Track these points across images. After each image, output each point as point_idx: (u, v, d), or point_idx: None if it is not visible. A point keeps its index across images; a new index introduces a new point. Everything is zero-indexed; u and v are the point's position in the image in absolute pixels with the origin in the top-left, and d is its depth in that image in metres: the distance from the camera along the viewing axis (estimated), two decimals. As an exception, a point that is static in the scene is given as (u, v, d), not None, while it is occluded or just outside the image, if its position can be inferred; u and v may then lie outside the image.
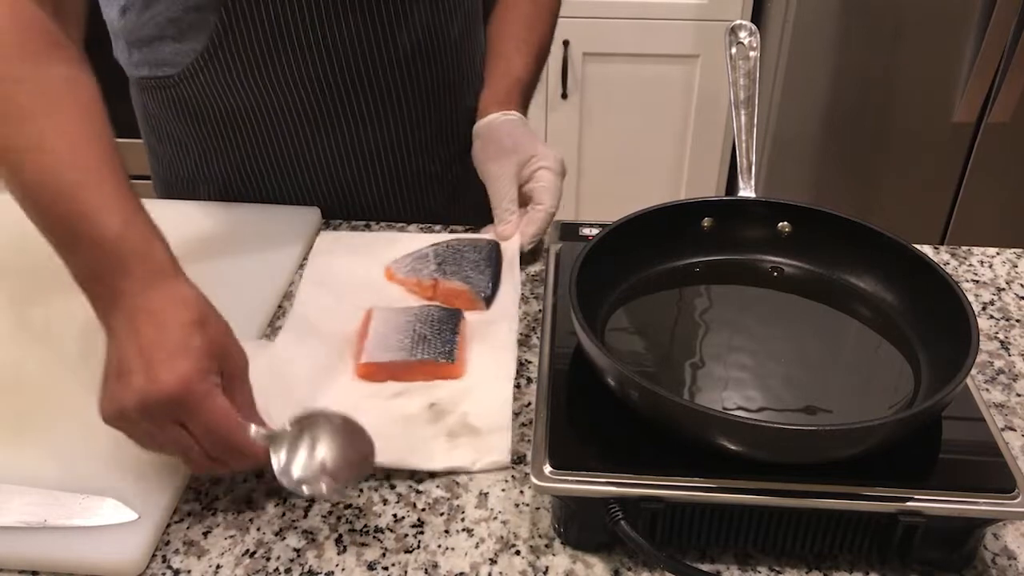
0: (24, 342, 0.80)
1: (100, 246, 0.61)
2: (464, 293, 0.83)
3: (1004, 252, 0.95)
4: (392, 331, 0.77)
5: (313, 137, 0.95)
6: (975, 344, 0.60)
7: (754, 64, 0.83)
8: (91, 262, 0.62)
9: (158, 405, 0.58)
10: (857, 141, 2.03)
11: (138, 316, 0.60)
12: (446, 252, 0.87)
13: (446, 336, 0.76)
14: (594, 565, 0.61)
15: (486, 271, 0.85)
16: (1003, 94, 1.88)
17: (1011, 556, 0.62)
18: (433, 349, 0.75)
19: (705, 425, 0.57)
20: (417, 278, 0.85)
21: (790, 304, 0.76)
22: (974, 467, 0.60)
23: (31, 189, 0.63)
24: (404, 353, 0.74)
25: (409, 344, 0.75)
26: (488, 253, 0.87)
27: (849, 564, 0.61)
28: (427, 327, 0.77)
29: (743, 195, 0.79)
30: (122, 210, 0.62)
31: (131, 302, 0.61)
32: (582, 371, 0.65)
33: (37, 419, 0.71)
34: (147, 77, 0.94)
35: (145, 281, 0.61)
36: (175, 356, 0.58)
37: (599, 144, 2.25)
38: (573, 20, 2.06)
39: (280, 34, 0.87)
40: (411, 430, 0.70)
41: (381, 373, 0.75)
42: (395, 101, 0.95)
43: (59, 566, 0.61)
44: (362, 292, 0.85)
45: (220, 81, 0.91)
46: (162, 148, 1.02)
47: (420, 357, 0.74)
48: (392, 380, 0.74)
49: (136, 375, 0.58)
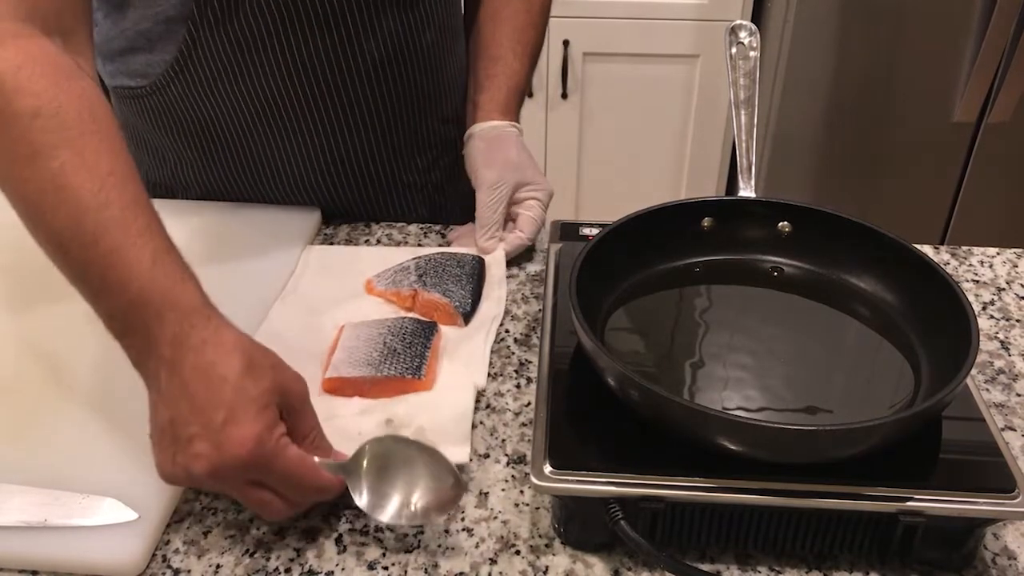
0: (24, 342, 0.80)
1: (129, 289, 0.58)
2: (443, 306, 0.81)
3: (1004, 252, 0.95)
4: (362, 344, 0.75)
5: (287, 146, 0.95)
6: (975, 344, 0.60)
7: (754, 64, 0.83)
8: (122, 307, 0.59)
9: (230, 471, 0.56)
10: (857, 141, 2.03)
11: (183, 370, 0.57)
12: (428, 265, 0.85)
13: (416, 350, 0.74)
14: (594, 565, 0.61)
15: (467, 286, 0.83)
16: (1003, 94, 1.88)
17: (1011, 556, 0.62)
18: (401, 364, 0.73)
19: (705, 425, 0.57)
20: (397, 289, 0.84)
21: (790, 304, 0.76)
22: (974, 467, 0.60)
23: (55, 233, 0.60)
24: (371, 368, 0.72)
25: (378, 359, 0.73)
26: (471, 268, 0.85)
27: (849, 564, 0.61)
28: (398, 340, 0.75)
29: (743, 195, 0.79)
30: (151, 249, 0.60)
31: (171, 353, 0.58)
32: (582, 371, 0.65)
33: (37, 419, 0.71)
34: (121, 87, 0.94)
35: (180, 328, 0.58)
36: (237, 417, 0.55)
37: (599, 144, 2.25)
38: (573, 20, 2.06)
39: (248, 45, 0.86)
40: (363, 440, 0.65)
41: (347, 388, 0.73)
42: (365, 110, 0.94)
43: (59, 566, 0.61)
44: (339, 307, 0.83)
45: (191, 91, 0.90)
46: (139, 155, 1.01)
47: (386, 373, 0.72)
48: (359, 396, 0.73)
49: (199, 441, 0.55)
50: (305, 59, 0.88)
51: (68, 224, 0.60)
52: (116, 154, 0.63)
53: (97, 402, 0.72)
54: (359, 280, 0.87)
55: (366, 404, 0.72)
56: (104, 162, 0.62)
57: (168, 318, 0.58)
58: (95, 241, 0.59)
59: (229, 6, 0.83)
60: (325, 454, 0.62)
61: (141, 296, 0.58)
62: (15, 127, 0.62)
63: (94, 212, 0.60)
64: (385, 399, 0.72)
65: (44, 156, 0.61)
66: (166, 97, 0.92)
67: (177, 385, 0.57)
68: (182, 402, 0.57)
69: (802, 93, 1.98)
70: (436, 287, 0.82)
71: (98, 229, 0.59)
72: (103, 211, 0.60)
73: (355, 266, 0.89)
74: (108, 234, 0.59)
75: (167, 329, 0.58)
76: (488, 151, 0.93)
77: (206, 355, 0.57)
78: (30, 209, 0.62)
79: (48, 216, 0.61)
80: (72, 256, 0.60)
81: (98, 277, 0.59)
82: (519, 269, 0.92)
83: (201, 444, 0.56)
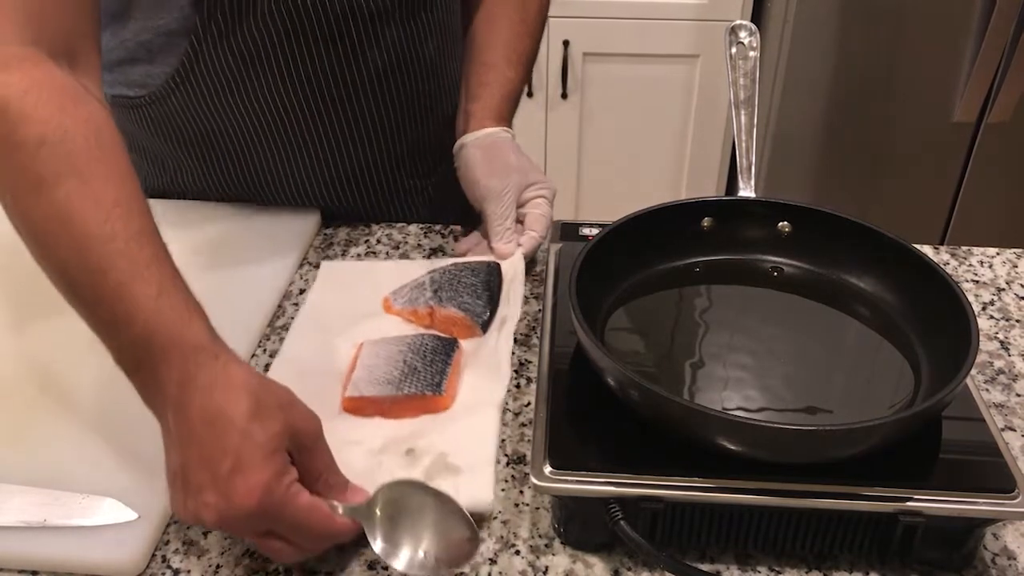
0: (24, 343, 0.80)
1: (135, 324, 0.57)
2: (461, 320, 0.80)
3: (1004, 252, 0.95)
4: (382, 362, 0.74)
5: (289, 156, 0.94)
6: (975, 344, 0.60)
7: (754, 64, 0.83)
8: (130, 342, 0.58)
9: (239, 522, 0.55)
10: (857, 141, 2.03)
11: (190, 412, 0.56)
12: (442, 278, 0.83)
13: (437, 367, 0.73)
14: (594, 565, 0.61)
15: (483, 295, 0.81)
16: (1003, 94, 1.88)
17: (1011, 556, 0.62)
18: (422, 382, 0.71)
19: (705, 425, 0.57)
20: (414, 307, 0.82)
21: (790, 304, 0.76)
22: (974, 467, 0.60)
23: (61, 263, 0.60)
24: (391, 387, 0.71)
25: (398, 377, 0.72)
26: (486, 276, 0.83)
27: (849, 564, 0.61)
28: (418, 357, 0.74)
29: (743, 195, 0.79)
30: (157, 282, 0.59)
31: (177, 394, 0.57)
32: (582, 371, 0.65)
33: (37, 420, 0.71)
34: (119, 96, 0.93)
35: (186, 368, 0.57)
36: (243, 465, 0.54)
37: (599, 144, 2.25)
38: (573, 20, 2.06)
39: (251, 59, 0.86)
40: (384, 472, 0.65)
41: (368, 408, 0.71)
42: (369, 119, 0.94)
43: (59, 566, 0.61)
44: (357, 326, 0.81)
45: (192, 103, 0.90)
46: (138, 161, 1.00)
47: (407, 391, 0.71)
48: (380, 416, 0.71)
49: (207, 492, 0.55)
50: (309, 72, 0.88)
51: (73, 256, 0.59)
52: (122, 181, 0.62)
53: (97, 402, 0.72)
54: (377, 298, 0.85)
55: (387, 430, 0.70)
56: (110, 191, 0.61)
57: (174, 357, 0.57)
58: (102, 273, 0.58)
59: (233, 20, 0.83)
60: (340, 492, 0.60)
61: (146, 331, 0.57)
62: (20, 155, 0.61)
63: (99, 244, 0.59)
64: (406, 419, 0.71)
65: (49, 185, 0.60)
66: (166, 107, 0.91)
67: (185, 429, 0.56)
68: (191, 448, 0.56)
69: (802, 93, 1.98)
70: (452, 301, 0.81)
71: (103, 262, 0.58)
72: (109, 243, 0.59)
73: (371, 282, 0.87)
74: (114, 267, 0.58)
75: (173, 369, 0.57)
76: (486, 159, 0.91)
77: (213, 398, 0.56)
78: (37, 239, 0.61)
79: (53, 247, 0.60)
80: (78, 288, 0.60)
81: (107, 311, 0.59)
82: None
83: (209, 494, 0.55)
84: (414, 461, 0.66)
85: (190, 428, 0.56)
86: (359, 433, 0.70)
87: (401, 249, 0.95)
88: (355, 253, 0.95)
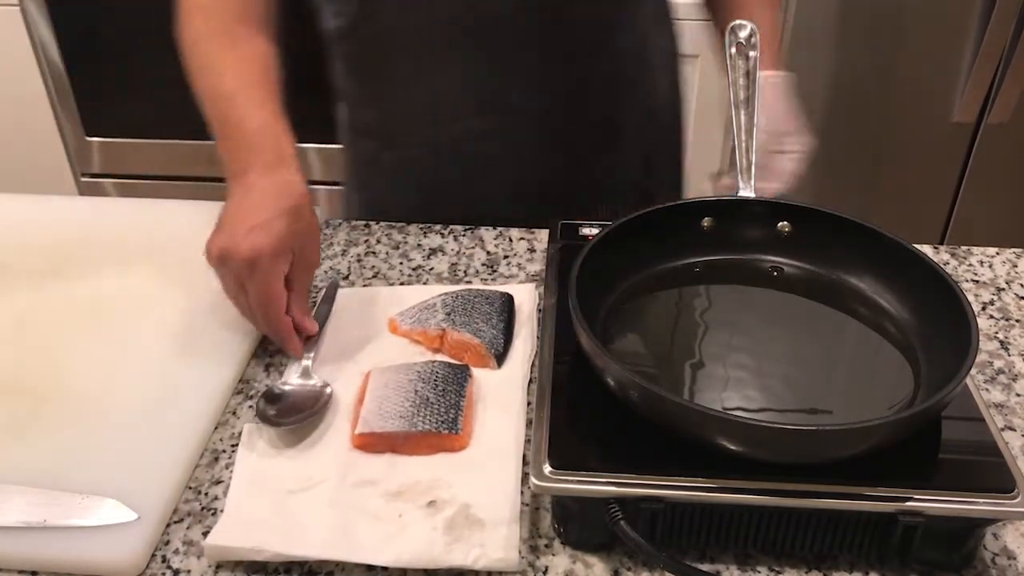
0: (24, 342, 0.80)
1: (244, 135, 0.78)
2: (474, 347, 0.77)
3: (1004, 252, 0.95)
4: (392, 393, 0.71)
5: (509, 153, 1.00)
6: (975, 344, 0.60)
7: (754, 64, 0.83)
8: (236, 144, 0.79)
9: (230, 261, 0.72)
10: (857, 141, 2.03)
11: (251, 189, 0.75)
12: (455, 302, 0.81)
13: (451, 399, 0.70)
14: (594, 565, 0.61)
15: (498, 324, 0.79)
16: (1003, 94, 1.88)
17: (1011, 556, 0.62)
18: (436, 417, 0.68)
19: (705, 425, 0.57)
20: (423, 328, 0.80)
21: (790, 304, 0.76)
22: (974, 467, 0.60)
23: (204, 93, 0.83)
24: (404, 422, 0.68)
25: (411, 410, 0.69)
26: (500, 305, 0.81)
27: (849, 564, 0.61)
28: (430, 388, 0.71)
29: (743, 195, 0.79)
30: (265, 114, 0.80)
31: (251, 178, 0.76)
32: (582, 371, 0.65)
33: (37, 419, 0.71)
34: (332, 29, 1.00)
35: (267, 164, 0.76)
36: (257, 228, 0.71)
37: (599, 144, 2.24)
38: (573, 20, 2.05)
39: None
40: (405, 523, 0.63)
41: (380, 444, 0.68)
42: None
43: (59, 566, 0.61)
44: (363, 350, 0.79)
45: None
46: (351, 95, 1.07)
47: (421, 428, 0.68)
48: (391, 452, 0.68)
49: (225, 234, 0.73)
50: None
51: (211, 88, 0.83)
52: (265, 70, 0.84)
53: (97, 402, 0.72)
54: (381, 319, 0.83)
55: (401, 468, 0.67)
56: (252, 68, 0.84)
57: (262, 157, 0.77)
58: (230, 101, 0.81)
59: None
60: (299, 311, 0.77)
61: (250, 138, 0.78)
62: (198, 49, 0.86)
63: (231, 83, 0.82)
64: (421, 456, 0.68)
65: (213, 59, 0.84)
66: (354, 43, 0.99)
67: (241, 196, 0.76)
68: (235, 207, 0.75)
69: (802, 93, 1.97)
70: (466, 326, 0.78)
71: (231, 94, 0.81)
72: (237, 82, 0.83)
73: (375, 305, 0.85)
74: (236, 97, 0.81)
75: (256, 162, 0.77)
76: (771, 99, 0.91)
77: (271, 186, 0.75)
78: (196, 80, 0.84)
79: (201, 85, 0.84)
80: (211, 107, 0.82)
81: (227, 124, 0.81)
82: (519, 269, 0.92)
83: (226, 236, 0.73)
84: (436, 512, 0.63)
85: (245, 194, 0.75)
86: (372, 470, 0.67)
87: (401, 249, 0.96)
88: (355, 253, 0.95)
